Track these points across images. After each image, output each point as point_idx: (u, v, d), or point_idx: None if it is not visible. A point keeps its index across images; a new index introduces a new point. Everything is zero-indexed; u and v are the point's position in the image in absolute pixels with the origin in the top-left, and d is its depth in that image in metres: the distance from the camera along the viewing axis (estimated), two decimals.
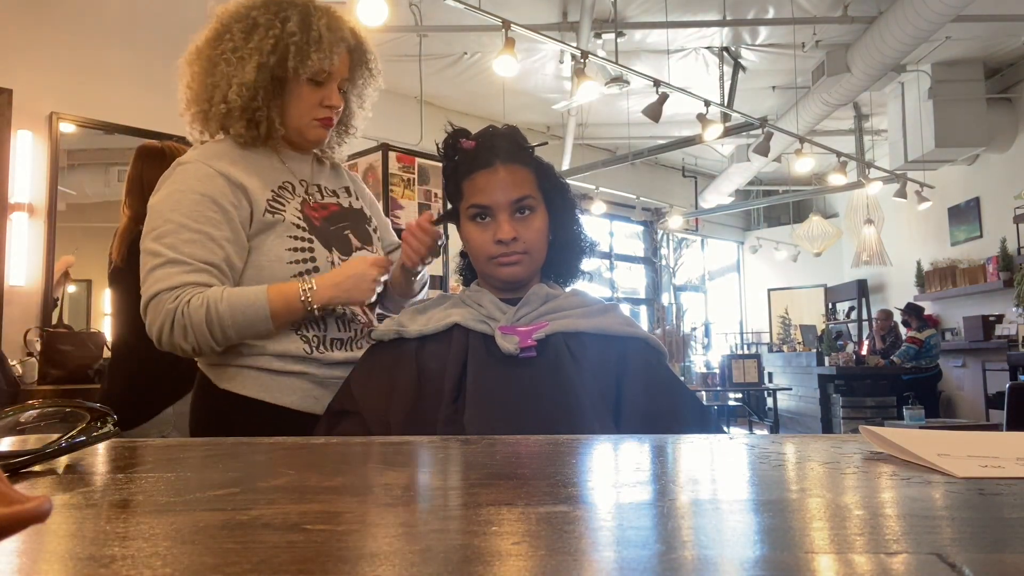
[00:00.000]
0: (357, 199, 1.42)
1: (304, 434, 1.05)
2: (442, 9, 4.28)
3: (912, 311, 7.09)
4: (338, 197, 1.38)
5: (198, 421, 1.29)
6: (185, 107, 1.29)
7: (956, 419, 6.70)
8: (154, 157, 2.20)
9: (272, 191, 1.26)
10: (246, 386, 1.22)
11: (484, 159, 1.14)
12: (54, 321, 3.39)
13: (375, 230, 1.41)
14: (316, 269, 1.24)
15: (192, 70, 1.27)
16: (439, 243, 1.29)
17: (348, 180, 1.45)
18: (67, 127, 3.59)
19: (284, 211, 1.25)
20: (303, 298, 1.18)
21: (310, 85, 1.26)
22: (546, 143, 1.28)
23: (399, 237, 1.39)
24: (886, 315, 7.77)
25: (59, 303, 3.56)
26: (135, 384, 2.11)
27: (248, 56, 1.21)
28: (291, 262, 1.23)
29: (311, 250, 1.25)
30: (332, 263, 1.27)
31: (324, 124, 1.30)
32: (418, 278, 1.39)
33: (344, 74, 1.30)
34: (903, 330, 7.32)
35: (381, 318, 1.40)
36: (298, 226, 1.25)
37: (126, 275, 2.11)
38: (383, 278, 1.26)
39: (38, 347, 3.12)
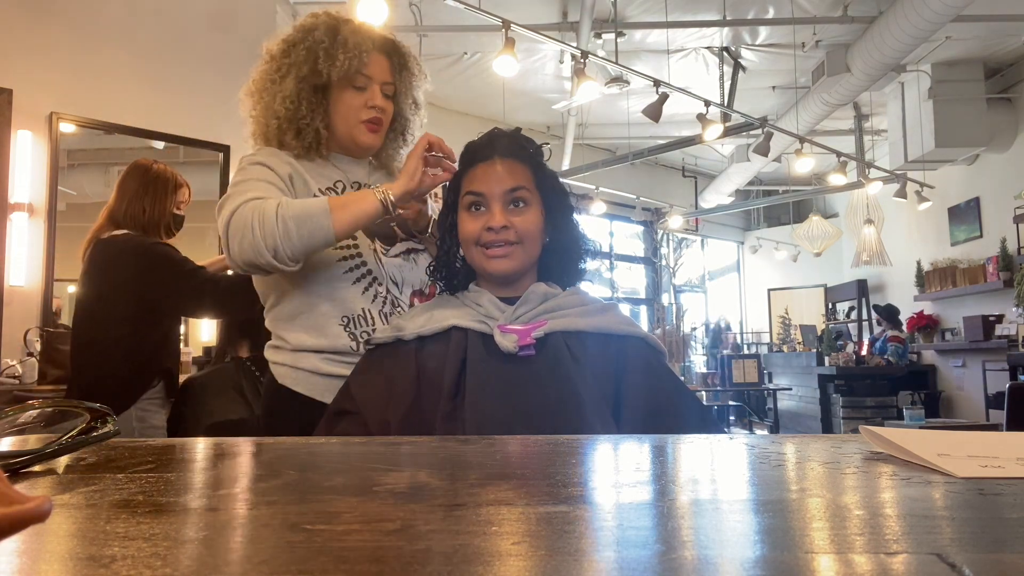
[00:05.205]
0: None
1: None
2: (442, 9, 4.28)
3: (883, 312, 7.06)
4: None
5: (268, 417, 1.37)
6: (251, 135, 1.40)
7: (956, 419, 6.70)
8: (137, 168, 2.35)
9: (327, 186, 1.33)
10: (299, 384, 1.29)
11: (483, 154, 1.17)
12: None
13: (423, 232, 1.41)
14: (360, 255, 1.31)
15: (251, 100, 1.39)
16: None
17: None
18: (67, 127, 3.58)
19: None
20: (381, 197, 1.21)
21: (352, 91, 1.33)
22: (547, 143, 1.28)
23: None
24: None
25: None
26: (100, 380, 2.17)
27: (287, 71, 1.32)
28: (335, 248, 1.27)
29: (354, 236, 1.30)
30: (375, 251, 1.33)
31: (371, 128, 1.36)
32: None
33: (385, 78, 1.37)
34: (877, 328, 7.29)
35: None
36: None
37: (89, 270, 2.25)
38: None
39: (38, 347, 3.12)
